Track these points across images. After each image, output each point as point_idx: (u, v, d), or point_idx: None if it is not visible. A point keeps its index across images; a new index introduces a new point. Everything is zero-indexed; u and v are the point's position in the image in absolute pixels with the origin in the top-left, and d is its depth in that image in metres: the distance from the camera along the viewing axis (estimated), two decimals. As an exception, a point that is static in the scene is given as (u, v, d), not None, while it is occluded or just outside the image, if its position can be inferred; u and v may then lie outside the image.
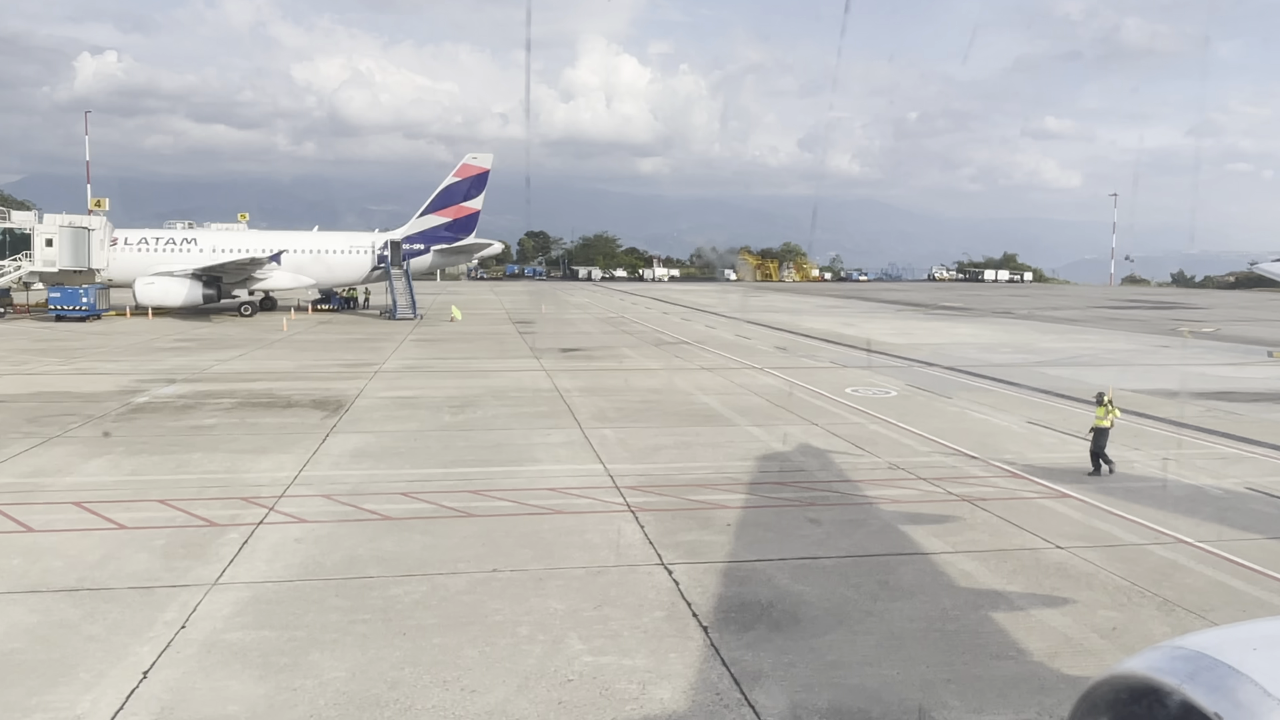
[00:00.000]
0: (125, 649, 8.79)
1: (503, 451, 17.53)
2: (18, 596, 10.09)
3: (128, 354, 34.00)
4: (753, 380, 27.60)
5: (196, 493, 14.41)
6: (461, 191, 62.54)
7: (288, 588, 10.42)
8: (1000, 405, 23.09)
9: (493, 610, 9.77)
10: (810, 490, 14.72)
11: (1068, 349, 38.68)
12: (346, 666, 8.43)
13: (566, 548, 11.83)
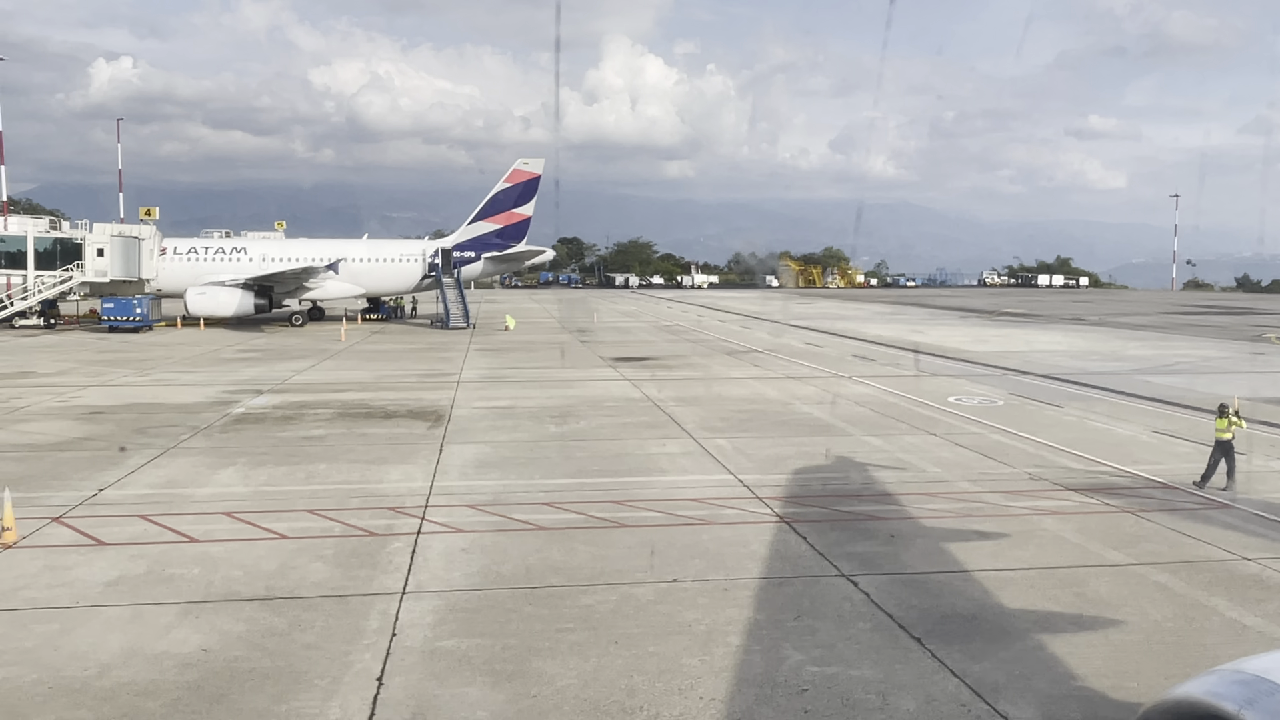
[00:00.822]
0: (347, 656, 8.75)
1: (625, 462, 17.42)
2: (215, 605, 10.09)
3: (198, 365, 34.24)
4: (846, 389, 27.37)
5: (339, 503, 14.40)
6: (512, 198, 62.69)
7: (478, 596, 10.35)
8: (1117, 415, 22.71)
9: (693, 620, 9.64)
10: (959, 501, 14.50)
11: (1159, 356, 38.11)
12: (575, 674, 8.34)
13: (738, 558, 11.69)
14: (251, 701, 7.90)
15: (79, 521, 13.31)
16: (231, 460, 17.45)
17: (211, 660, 8.71)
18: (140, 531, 12.86)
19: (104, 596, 10.38)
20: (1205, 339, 48.51)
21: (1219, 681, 2.47)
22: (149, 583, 10.84)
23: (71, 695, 8.00)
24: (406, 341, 45.93)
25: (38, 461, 17.29)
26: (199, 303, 54.25)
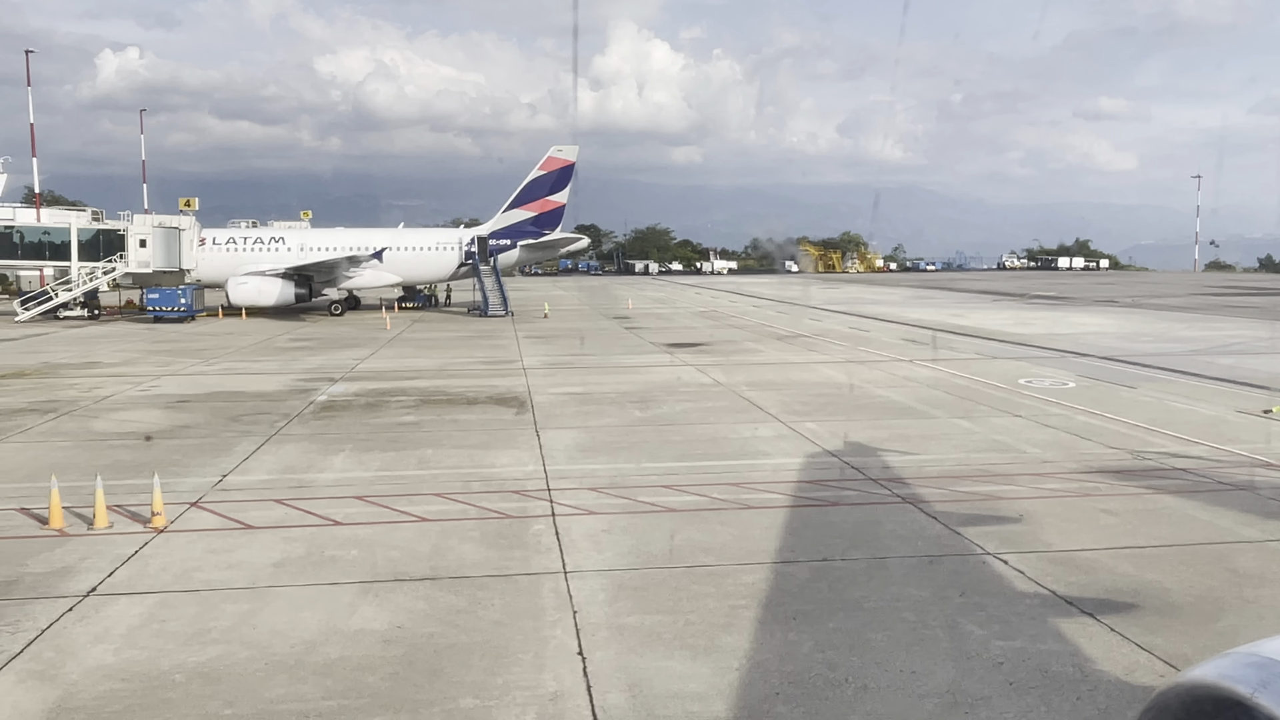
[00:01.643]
0: (539, 632, 9.05)
1: (724, 445, 17.68)
2: (388, 585, 10.39)
3: (258, 354, 34.62)
4: (912, 372, 27.56)
5: (462, 486, 14.70)
6: (547, 185, 62.86)
7: (639, 575, 10.63)
8: (1195, 395, 22.85)
9: (859, 597, 9.90)
10: (1072, 481, 14.71)
11: (1210, 338, 38.14)
12: (767, 649, 8.61)
13: (878, 537, 11.94)
14: (466, 675, 8.20)
15: (218, 506, 13.64)
16: (338, 446, 17.76)
17: (409, 636, 9.01)
18: (282, 516, 13.18)
19: (276, 577, 10.70)
20: (1249, 320, 48.46)
21: (1233, 664, 2.38)
22: (314, 564, 11.15)
23: (290, 671, 8.31)
24: (451, 329, 46.26)
25: (149, 450, 17.64)
26: (240, 292, 54.78)
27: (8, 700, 7.79)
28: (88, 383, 26.41)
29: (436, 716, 7.49)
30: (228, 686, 8.01)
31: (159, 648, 8.80)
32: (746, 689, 7.86)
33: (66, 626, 9.31)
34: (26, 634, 9.12)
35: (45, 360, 32.23)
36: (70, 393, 24.57)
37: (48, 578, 10.71)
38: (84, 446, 17.92)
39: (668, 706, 7.58)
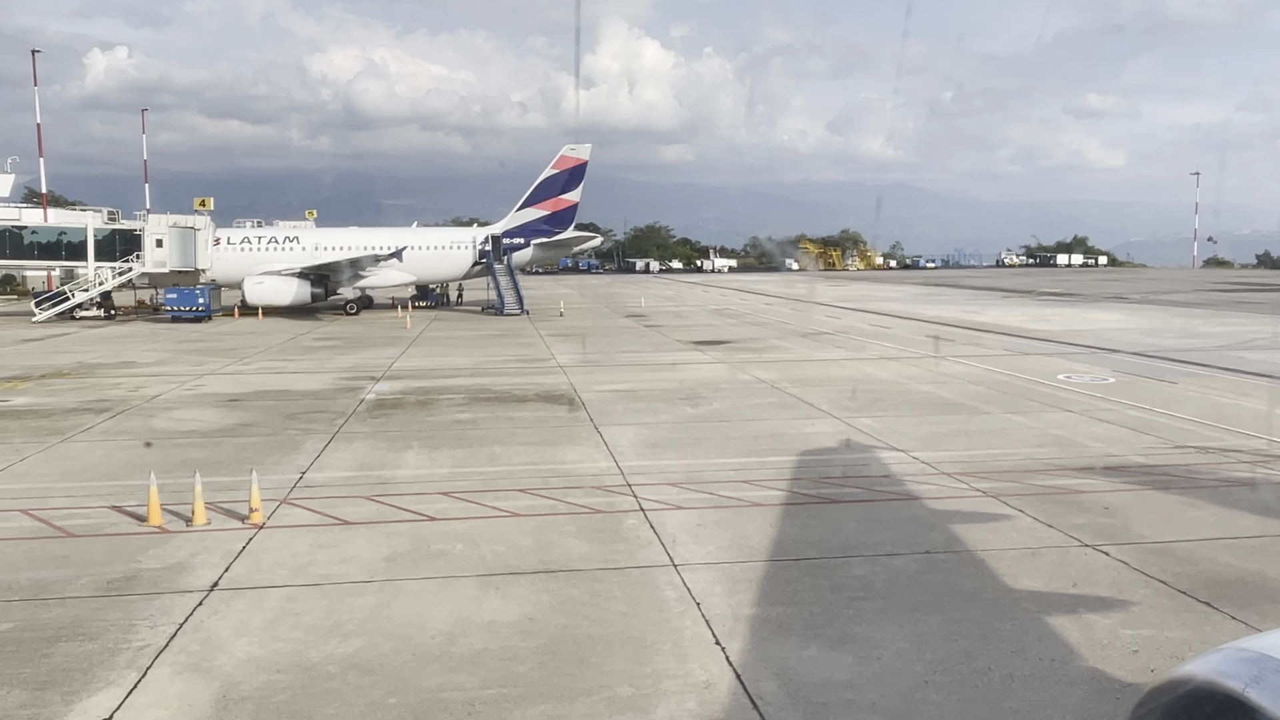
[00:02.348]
0: (668, 623, 9.24)
1: (787, 441, 17.86)
2: (505, 578, 10.58)
3: (289, 353, 34.75)
4: (949, 369, 27.79)
5: (542, 482, 14.88)
6: (560, 184, 63.00)
7: (748, 568, 10.82)
8: (1237, 390, 23.13)
9: (975, 589, 10.11)
10: (1145, 475, 14.92)
11: (1232, 333, 38.44)
12: (901, 639, 8.80)
13: (969, 530, 12.14)
14: (612, 664, 8.39)
15: (308, 503, 13.80)
16: (405, 444, 17.92)
17: (542, 628, 9.19)
18: (375, 512, 13.34)
19: (391, 571, 10.87)
20: (1264, 315, 48.81)
21: (1224, 659, 2.43)
22: (423, 558, 11.33)
23: (438, 661, 8.49)
24: (472, 328, 46.39)
25: (217, 448, 17.78)
26: (257, 292, 54.91)
27: (171, 692, 7.96)
28: (131, 382, 26.52)
29: (599, 704, 7.67)
30: (383, 677, 8.19)
31: (302, 640, 8.97)
32: (894, 677, 8.06)
33: (202, 620, 9.48)
34: (165, 628, 9.28)
35: (78, 360, 32.32)
36: (117, 392, 24.68)
37: (165, 573, 10.88)
38: (152, 446, 18.04)
39: (822, 694, 7.77)
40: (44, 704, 7.74)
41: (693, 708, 7.59)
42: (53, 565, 11.15)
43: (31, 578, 10.74)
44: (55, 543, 12.03)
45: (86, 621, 9.47)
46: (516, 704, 7.68)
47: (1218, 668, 2.44)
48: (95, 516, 13.22)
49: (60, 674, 8.29)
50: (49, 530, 12.55)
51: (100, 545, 11.91)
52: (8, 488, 14.87)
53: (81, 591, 10.32)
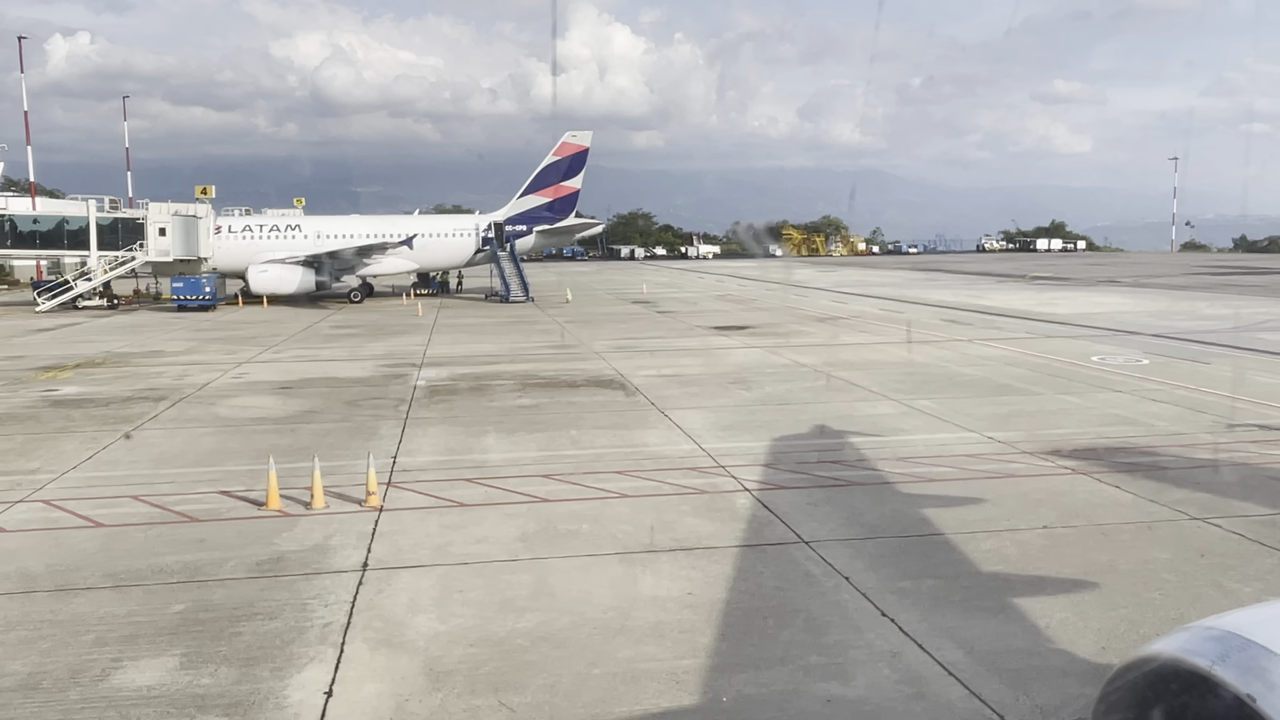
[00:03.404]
0: (825, 596, 9.59)
1: (856, 423, 18.22)
2: (646, 555, 10.88)
3: (315, 341, 34.78)
4: (981, 351, 28.28)
5: (635, 465, 15.18)
6: (561, 171, 63.07)
7: (879, 544, 11.17)
8: (1272, 369, 23.74)
9: (1109, 561, 10.50)
10: (1223, 451, 15.41)
11: (1240, 315, 39.21)
12: (1061, 609, 9.18)
13: (1077, 506, 12.55)
14: (789, 635, 8.72)
15: (413, 486, 14.02)
16: (480, 428, 18.15)
17: (705, 602, 9.50)
18: (484, 494, 13.59)
19: (532, 549, 11.14)
20: (1263, 298, 49.74)
21: (1191, 638, 2.48)
22: (556, 537, 11.60)
23: (622, 634, 8.78)
24: (484, 315, 46.44)
25: (294, 434, 17.94)
26: (261, 280, 54.75)
27: (376, 666, 8.21)
28: (172, 371, 26.54)
29: (796, 673, 7.99)
30: (575, 650, 8.47)
31: (478, 615, 9.24)
32: (1071, 645, 8.43)
33: (371, 599, 9.72)
34: (338, 606, 9.52)
35: (104, 349, 32.22)
36: (164, 380, 24.71)
37: (310, 554, 11.10)
38: (228, 432, 18.19)
39: (1009, 661, 8.13)
40: (257, 679, 7.98)
41: (890, 675, 7.92)
42: (193, 549, 11.33)
43: (179, 561, 10.92)
44: (184, 527, 12.21)
45: (256, 602, 9.68)
46: (718, 673, 7.99)
47: (1185, 646, 2.47)
48: (208, 501, 13.39)
49: (258, 651, 8.51)
50: (170, 515, 12.72)
51: (230, 529, 12.10)
52: (106, 474, 15.00)
53: (235, 573, 10.53)
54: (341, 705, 7.54)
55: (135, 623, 9.18)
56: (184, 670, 8.16)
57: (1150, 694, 2.56)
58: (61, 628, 9.07)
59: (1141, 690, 2.57)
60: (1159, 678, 2.53)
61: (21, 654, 8.50)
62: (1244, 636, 2.39)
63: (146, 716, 7.39)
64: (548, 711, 7.40)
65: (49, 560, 10.97)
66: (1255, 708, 2.22)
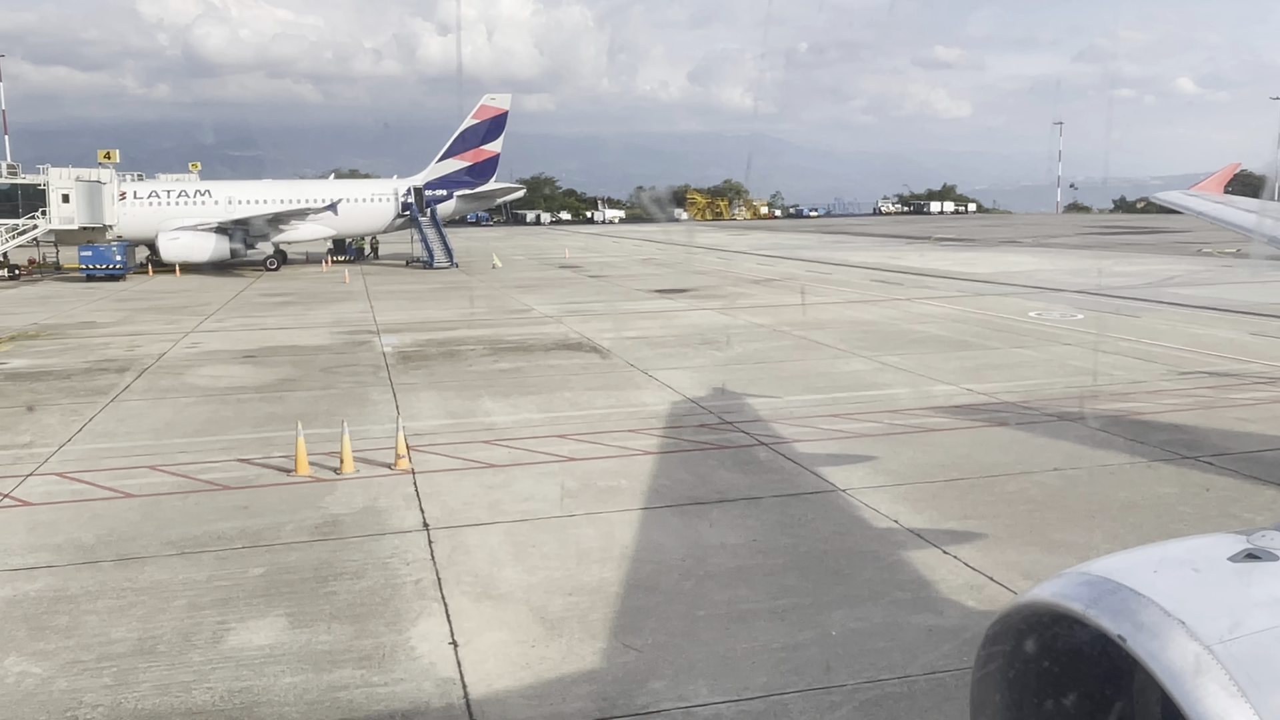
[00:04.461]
0: (886, 538, 10.20)
1: (838, 380, 18.90)
2: (695, 507, 11.33)
3: (251, 310, 34.04)
4: (924, 310, 29.38)
5: (642, 423, 15.58)
6: (480, 134, 62.28)
7: (911, 489, 11.82)
8: (1198, 322, 25.33)
9: (1127, 499, 11.36)
10: (1183, 397, 16.57)
11: (1146, 272, 41.32)
12: (1099, 541, 9.95)
13: (1077, 449, 13.45)
14: (866, 573, 9.29)
15: (434, 449, 14.14)
16: (474, 392, 18.27)
17: (774, 547, 10.00)
18: (508, 455, 13.82)
19: (584, 505, 11.47)
20: (1162, 255, 52.41)
21: (1066, 584, 2.58)
22: (599, 493, 11.94)
23: (711, 578, 9.21)
24: (415, 282, 45.90)
25: (283, 402, 17.78)
26: (172, 248, 52.97)
27: (488, 616, 8.48)
28: (119, 342, 25.75)
29: (890, 606, 8.56)
30: (671, 595, 8.88)
31: (561, 566, 9.57)
32: (1124, 569, 9.17)
33: (449, 555, 9.93)
34: (419, 564, 9.72)
35: (29, 321, 30.95)
36: (115, 351, 24.00)
37: (364, 516, 11.21)
38: (214, 402, 17.91)
39: (1075, 586, 8.82)
40: (375, 634, 8.17)
41: (976, 606, 8.54)
42: (241, 516, 11.32)
43: (234, 527, 10.92)
44: (220, 495, 12.15)
45: (334, 563, 9.80)
46: (816, 610, 8.49)
47: (1059, 591, 2.57)
48: (230, 469, 13.30)
49: (360, 609, 8.68)
50: (198, 484, 12.62)
51: (270, 496, 12.09)
52: (108, 446, 14.71)
53: (298, 537, 10.59)
54: (472, 653, 7.80)
55: (221, 587, 9.22)
56: (297, 629, 8.29)
57: (1029, 638, 2.69)
58: (148, 595, 9.06)
59: (1022, 635, 2.69)
60: (1037, 622, 2.65)
61: (120, 621, 8.49)
62: (1115, 580, 2.49)
63: (282, 673, 7.53)
64: (671, 649, 7.80)
65: (97, 531, 10.83)
66: (1126, 648, 2.34)
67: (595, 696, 7.10)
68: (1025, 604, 2.66)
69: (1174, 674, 2.25)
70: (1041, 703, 2.76)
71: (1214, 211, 12.13)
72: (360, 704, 7.06)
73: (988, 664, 2.78)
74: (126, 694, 7.24)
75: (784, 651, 7.75)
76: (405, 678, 7.44)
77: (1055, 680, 2.73)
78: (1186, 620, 2.33)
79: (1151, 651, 2.30)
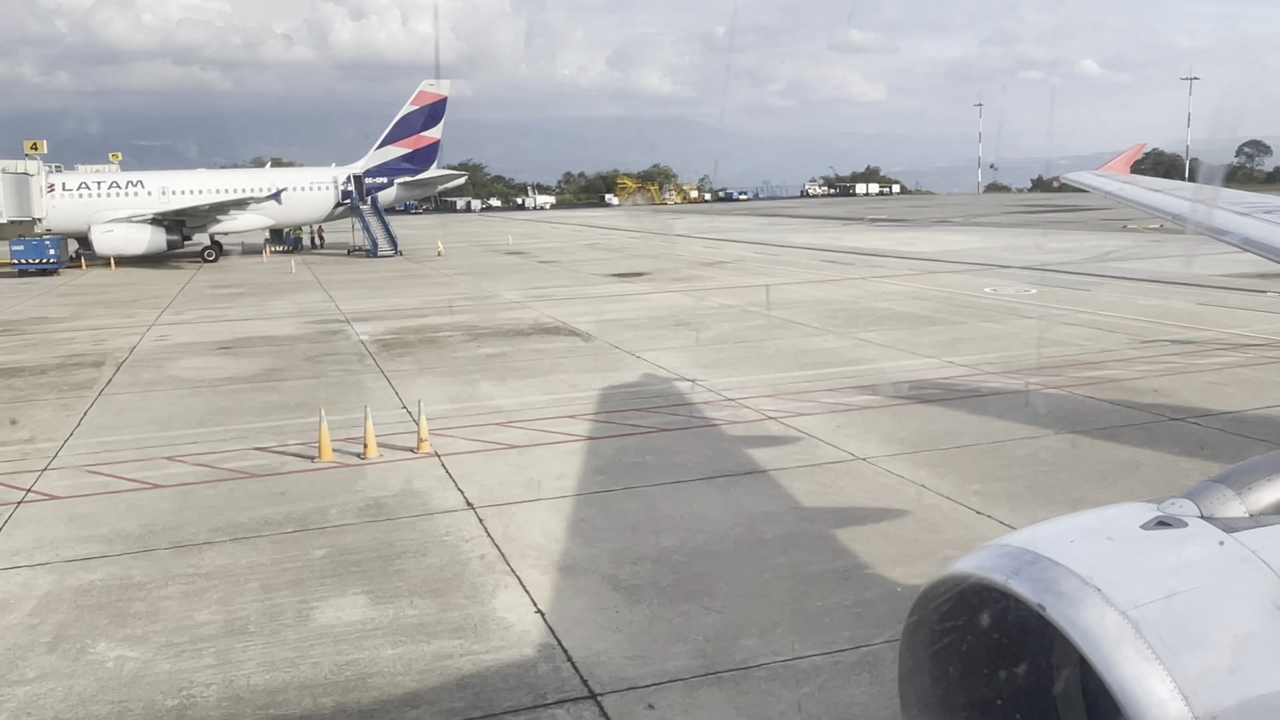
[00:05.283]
0: (920, 500, 10.74)
1: (821, 356, 19.49)
2: (727, 479, 11.75)
3: (207, 302, 33.53)
4: (883, 288, 30.20)
5: (648, 402, 15.93)
6: (419, 121, 61.72)
7: (926, 455, 12.40)
8: (1147, 294, 26.52)
9: (1132, 458, 12.10)
10: (1154, 364, 17.47)
11: (1082, 248, 42.79)
12: (1125, 498, 10.61)
13: (1075, 414, 14.18)
14: (913, 534, 9.82)
15: (445, 432, 14.27)
16: (468, 377, 18.44)
17: (815, 514, 10.46)
18: (524, 436, 14.07)
19: (616, 481, 11.80)
20: (1089, 232, 54.28)
21: (988, 555, 2.65)
22: (631, 469, 12.30)
23: (768, 544, 9.65)
24: (365, 271, 45.53)
25: (278, 392, 17.76)
26: (107, 240, 51.61)
27: (563, 586, 8.79)
28: (83, 336, 25.25)
29: (942, 564, 9.02)
30: (733, 560, 9.29)
31: (617, 538, 9.91)
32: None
33: (505, 532, 10.19)
34: (477, 540, 9.98)
35: (-23, 318, 30.04)
36: (81, 346, 23.56)
37: (403, 498, 11.41)
38: (208, 394, 17.78)
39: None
40: (460, 606, 8.43)
41: (1021, 557, 9.10)
42: (280, 501, 11.43)
43: (278, 513, 11.02)
44: (251, 483, 12.21)
45: (393, 542, 10.01)
46: (875, 569, 8.98)
47: (982, 564, 2.64)
48: (249, 458, 13.33)
49: (436, 584, 8.92)
50: (223, 473, 12.65)
51: (302, 481, 12.19)
52: (114, 439, 14.58)
53: (346, 520, 10.75)
54: (561, 620, 8.11)
55: (288, 570, 9.37)
56: (380, 605, 8.50)
57: (955, 610, 2.75)
58: (217, 580, 9.17)
59: (946, 607, 2.76)
60: (961, 594, 2.71)
61: (199, 605, 8.61)
62: (1035, 551, 2.56)
63: (382, 645, 7.75)
64: (750, 609, 8.21)
65: (139, 521, 10.84)
66: (1047, 616, 2.40)
67: (694, 654, 7.46)
68: (949, 576, 2.73)
69: (1091, 640, 2.32)
70: (966, 672, 2.83)
71: (1121, 191, 12.48)
72: (470, 671, 7.33)
73: (914, 635, 2.85)
74: (234, 672, 7.40)
75: (857, 607, 8.21)
76: (505, 645, 7.72)
77: (980, 650, 2.80)
78: (1102, 588, 2.39)
79: (1070, 619, 2.36)
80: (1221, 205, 9.54)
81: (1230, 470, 2.96)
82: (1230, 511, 2.78)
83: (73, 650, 7.82)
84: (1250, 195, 10.73)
